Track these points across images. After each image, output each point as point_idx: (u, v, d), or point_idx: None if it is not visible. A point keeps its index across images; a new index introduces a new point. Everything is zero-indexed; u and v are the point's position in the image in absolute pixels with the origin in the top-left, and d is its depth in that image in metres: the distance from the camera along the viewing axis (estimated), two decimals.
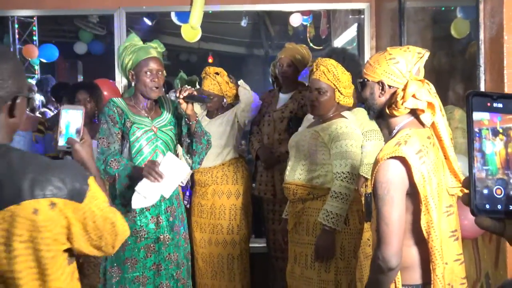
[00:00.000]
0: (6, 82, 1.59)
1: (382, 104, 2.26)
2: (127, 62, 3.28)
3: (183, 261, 3.42)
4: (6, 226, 1.51)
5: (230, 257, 4.45)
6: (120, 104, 3.32)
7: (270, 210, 4.51)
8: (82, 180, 1.62)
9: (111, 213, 1.69)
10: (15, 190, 1.52)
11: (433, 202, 2.15)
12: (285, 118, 4.40)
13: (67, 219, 1.58)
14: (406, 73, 2.21)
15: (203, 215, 4.46)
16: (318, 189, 3.34)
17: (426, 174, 2.14)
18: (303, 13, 6.60)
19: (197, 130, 3.26)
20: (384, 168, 2.15)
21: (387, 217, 2.13)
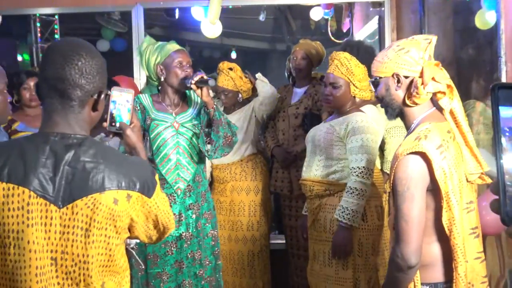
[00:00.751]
0: (94, 78, 1.69)
1: (401, 97, 2.21)
2: (155, 58, 3.28)
3: (208, 260, 3.38)
4: (88, 212, 1.62)
5: (250, 254, 4.42)
6: (144, 100, 3.33)
7: (287, 206, 4.47)
8: (152, 177, 1.75)
9: (169, 208, 1.85)
10: (100, 179, 1.62)
11: (455, 198, 2.10)
12: (300, 114, 4.36)
13: (135, 212, 1.71)
14: (419, 59, 2.16)
15: (222, 212, 4.43)
16: (335, 185, 3.28)
17: (447, 170, 2.09)
18: (324, 7, 6.51)
19: (215, 117, 3.22)
20: (404, 164, 2.10)
21: (407, 214, 2.08)
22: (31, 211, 1.59)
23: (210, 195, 3.49)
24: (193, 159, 3.33)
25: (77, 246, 1.62)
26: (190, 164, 3.31)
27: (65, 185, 1.61)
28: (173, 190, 3.27)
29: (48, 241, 1.61)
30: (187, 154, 3.29)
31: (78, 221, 1.62)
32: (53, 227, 1.61)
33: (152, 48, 3.32)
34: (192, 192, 3.31)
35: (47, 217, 1.61)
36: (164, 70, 3.29)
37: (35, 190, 1.59)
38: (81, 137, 1.68)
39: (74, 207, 1.61)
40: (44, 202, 1.60)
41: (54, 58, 1.67)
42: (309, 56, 4.45)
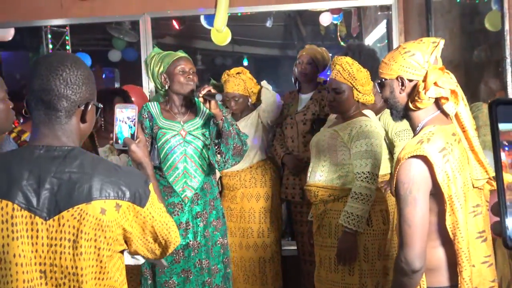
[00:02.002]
0: (80, 88, 1.69)
1: (405, 100, 2.20)
2: (158, 68, 3.30)
3: (217, 268, 3.38)
4: (75, 224, 1.60)
5: (261, 261, 4.40)
6: (152, 108, 3.34)
7: (298, 212, 4.44)
8: (145, 186, 1.72)
9: (168, 220, 1.80)
10: (86, 189, 1.61)
11: (458, 202, 2.07)
12: (308, 120, 4.34)
13: (128, 222, 1.68)
14: (424, 63, 2.14)
15: (233, 219, 4.42)
16: (339, 190, 3.27)
17: (451, 173, 2.06)
18: (332, 12, 6.52)
19: (224, 129, 3.22)
20: (406, 168, 2.08)
21: (410, 219, 2.06)
22: (16, 224, 1.58)
23: (220, 203, 3.48)
24: (201, 167, 3.32)
25: (66, 258, 1.61)
26: (198, 172, 3.31)
27: (50, 196, 1.60)
28: (180, 198, 3.27)
29: (36, 253, 1.61)
30: (194, 162, 3.29)
31: (65, 232, 1.60)
32: (40, 240, 1.60)
33: (157, 58, 3.34)
34: (200, 200, 3.30)
35: (33, 230, 1.59)
36: (168, 78, 3.30)
37: (19, 203, 1.59)
38: (67, 149, 1.68)
39: (60, 218, 1.60)
40: (29, 214, 1.59)
41: (39, 71, 1.68)
42: (315, 61, 4.43)
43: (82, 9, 4.89)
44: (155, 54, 3.37)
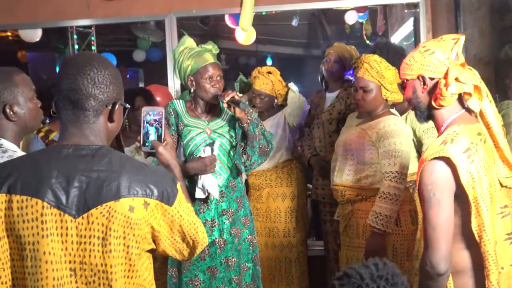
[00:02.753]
0: (108, 87, 1.71)
1: (427, 99, 2.17)
2: (186, 68, 3.29)
3: (246, 266, 3.37)
4: (104, 221, 1.61)
5: (287, 261, 4.39)
6: (178, 106, 3.35)
7: (327, 212, 4.41)
8: (173, 185, 1.73)
9: (196, 220, 1.80)
10: (114, 187, 1.62)
11: (484, 203, 2.03)
12: (334, 119, 4.30)
13: (156, 220, 1.69)
14: (445, 60, 2.11)
15: (259, 219, 4.41)
16: (367, 189, 3.23)
17: (476, 174, 2.03)
18: (358, 10, 6.47)
19: (249, 133, 3.23)
20: (429, 169, 2.05)
21: (434, 221, 2.03)
22: (46, 221, 1.59)
23: (247, 200, 3.47)
24: (226, 165, 3.32)
25: (95, 255, 1.62)
26: (223, 170, 3.30)
27: (79, 194, 1.61)
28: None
29: (66, 251, 1.62)
30: (219, 160, 3.29)
31: (94, 230, 1.61)
32: (70, 238, 1.61)
33: (187, 54, 3.30)
34: (225, 198, 3.30)
35: (62, 228, 1.61)
36: (194, 82, 3.29)
37: (49, 201, 1.60)
38: (95, 147, 1.69)
39: (89, 216, 1.61)
40: (58, 212, 1.60)
41: (67, 70, 1.70)
42: (342, 60, 4.38)
43: (108, 10, 4.92)
44: (185, 49, 3.34)
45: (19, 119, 2.23)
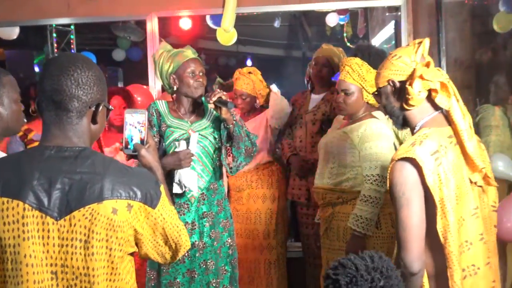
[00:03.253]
0: (91, 88, 1.69)
1: (399, 103, 2.23)
2: (167, 67, 3.27)
3: (225, 269, 3.35)
4: (86, 224, 1.59)
5: (267, 262, 4.38)
6: (160, 106, 3.33)
7: (304, 214, 4.41)
8: (156, 187, 1.72)
9: (179, 223, 1.80)
10: (97, 189, 1.60)
11: (450, 205, 2.07)
12: (318, 120, 4.30)
13: (139, 223, 1.67)
14: (411, 63, 2.18)
15: (239, 220, 4.40)
16: (348, 192, 3.24)
17: (443, 176, 2.08)
18: (339, 13, 6.49)
19: (235, 134, 3.21)
20: (397, 169, 2.11)
21: (404, 221, 2.08)
22: (27, 224, 1.58)
23: (227, 203, 3.46)
24: (208, 167, 3.30)
25: (77, 258, 1.60)
26: (205, 172, 3.28)
27: (61, 196, 1.59)
28: (186, 198, 3.25)
29: (47, 254, 1.60)
30: (201, 162, 3.27)
31: (76, 233, 1.59)
32: (51, 240, 1.59)
33: (166, 55, 3.30)
34: (206, 201, 3.28)
35: (44, 230, 1.59)
36: (177, 80, 3.28)
37: (30, 203, 1.58)
38: (78, 149, 1.67)
39: (71, 218, 1.59)
40: (40, 214, 1.59)
41: (51, 71, 1.68)
42: (331, 63, 4.37)
43: (89, 9, 4.86)
44: (164, 51, 3.34)
45: (1, 119, 2.20)
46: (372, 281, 1.71)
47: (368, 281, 1.71)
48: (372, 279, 1.71)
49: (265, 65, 10.21)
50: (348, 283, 1.72)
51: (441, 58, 4.03)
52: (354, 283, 1.71)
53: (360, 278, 1.70)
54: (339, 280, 1.73)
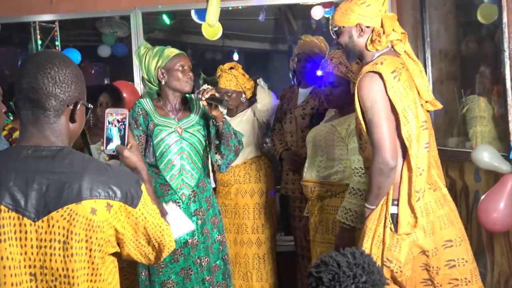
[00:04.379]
0: (69, 86, 1.66)
1: (363, 43, 2.58)
2: (156, 61, 3.25)
3: (217, 265, 3.34)
4: (64, 224, 1.56)
5: (256, 257, 4.38)
6: (146, 105, 3.30)
7: (296, 207, 4.41)
8: (137, 186, 1.68)
9: (161, 223, 1.76)
10: (76, 189, 1.57)
11: (412, 112, 2.43)
12: (307, 114, 4.30)
13: (120, 223, 1.64)
14: (378, 12, 2.54)
15: (227, 215, 4.40)
16: (336, 185, 3.24)
17: (402, 89, 2.42)
18: (324, 6, 6.46)
19: (224, 131, 3.20)
20: (366, 81, 2.44)
21: (380, 124, 2.41)
22: (3, 225, 1.55)
23: (215, 200, 3.45)
24: (197, 165, 3.29)
25: (56, 260, 1.57)
26: (194, 169, 3.27)
27: (39, 197, 1.56)
28: (177, 196, 3.23)
29: (25, 256, 1.57)
30: (191, 159, 3.26)
31: (55, 234, 1.56)
32: (29, 242, 1.57)
33: (151, 52, 3.29)
34: (197, 198, 3.27)
35: (21, 231, 1.56)
36: (166, 73, 3.26)
37: (6, 204, 1.55)
38: (56, 149, 1.64)
39: (49, 219, 1.56)
40: (16, 216, 1.56)
41: (28, 69, 1.65)
42: (312, 56, 4.37)
43: (72, 4, 4.83)
44: (148, 48, 3.32)
45: None
46: (354, 277, 1.74)
47: (350, 277, 1.74)
48: (354, 275, 1.74)
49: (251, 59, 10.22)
50: (331, 280, 1.74)
51: (426, 49, 4.04)
52: (336, 280, 1.73)
53: (342, 274, 1.73)
54: (322, 277, 1.75)
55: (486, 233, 3.22)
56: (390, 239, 2.48)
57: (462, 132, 3.78)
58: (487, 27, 3.72)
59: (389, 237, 2.48)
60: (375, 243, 2.51)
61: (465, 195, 3.47)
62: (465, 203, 3.46)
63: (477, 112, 3.59)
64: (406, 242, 2.47)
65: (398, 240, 2.47)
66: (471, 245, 2.67)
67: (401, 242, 2.46)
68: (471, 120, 3.60)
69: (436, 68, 4.07)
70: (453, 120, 3.95)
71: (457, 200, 3.52)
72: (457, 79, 4.02)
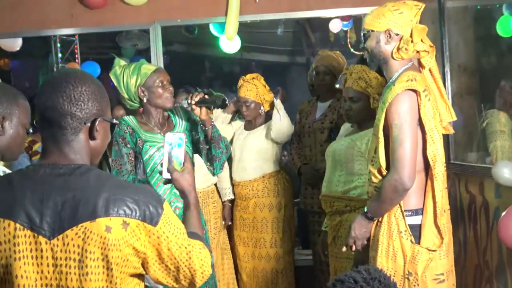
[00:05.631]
0: (85, 104, 1.64)
1: (389, 51, 2.56)
2: (135, 80, 3.20)
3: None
4: (79, 243, 1.54)
5: (274, 272, 4.37)
6: (131, 122, 3.27)
7: (315, 222, 4.40)
8: (157, 204, 1.62)
9: (188, 244, 1.68)
10: (91, 207, 1.55)
11: (438, 133, 2.46)
12: (326, 128, 4.30)
13: (140, 241, 1.59)
14: (410, 22, 2.52)
15: (245, 229, 4.40)
16: (356, 201, 3.22)
17: (431, 110, 2.45)
18: (342, 19, 6.49)
19: (214, 135, 3.19)
20: (401, 99, 2.42)
21: (404, 142, 2.40)
22: (18, 244, 1.54)
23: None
24: None
25: (72, 278, 1.55)
26: None
27: (54, 215, 1.55)
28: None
29: (42, 274, 1.56)
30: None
31: (70, 252, 1.55)
32: (45, 260, 1.55)
33: (128, 70, 3.23)
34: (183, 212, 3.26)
35: (37, 250, 1.55)
36: (146, 91, 3.21)
37: (21, 222, 1.55)
38: (74, 166, 1.63)
39: (64, 237, 1.55)
40: (32, 234, 1.55)
41: (45, 88, 1.66)
42: (332, 70, 4.38)
43: (92, 19, 4.87)
44: (123, 67, 3.27)
45: (4, 136, 2.12)
46: None
47: None
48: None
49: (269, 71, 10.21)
50: None
51: (445, 63, 4.01)
52: None
53: None
54: None
55: (506, 249, 3.18)
56: (411, 251, 2.47)
57: (482, 147, 3.75)
58: (507, 41, 3.70)
59: (409, 250, 2.48)
60: (391, 256, 2.50)
61: (485, 211, 3.43)
62: (485, 219, 3.42)
63: (497, 127, 3.56)
64: (425, 257, 2.47)
65: (419, 251, 2.46)
66: (491, 262, 2.65)
67: (421, 256, 2.46)
68: (491, 135, 3.58)
69: (455, 82, 4.05)
70: (472, 134, 3.93)
71: (477, 216, 3.48)
72: (477, 93, 4.00)
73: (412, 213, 2.51)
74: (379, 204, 2.52)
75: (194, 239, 1.72)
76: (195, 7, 4.82)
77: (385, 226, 2.53)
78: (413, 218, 2.51)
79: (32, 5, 4.85)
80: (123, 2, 4.77)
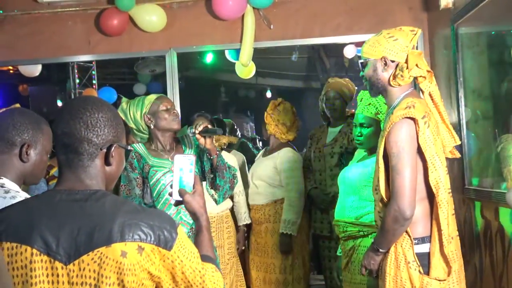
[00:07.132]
0: (102, 130, 1.67)
1: (386, 78, 2.58)
2: (140, 109, 3.31)
3: None
4: (95, 268, 1.55)
5: None
6: (139, 149, 3.34)
7: (326, 247, 4.40)
8: (171, 228, 1.64)
9: (201, 267, 1.70)
10: (106, 232, 1.56)
11: (440, 159, 2.45)
12: (336, 153, 4.32)
13: (154, 266, 1.60)
14: (405, 48, 2.54)
15: (258, 253, 4.41)
16: (368, 226, 3.21)
17: (431, 136, 2.44)
18: (357, 44, 6.53)
19: (219, 164, 3.22)
20: (399, 127, 2.43)
21: (403, 171, 2.40)
22: (35, 269, 1.56)
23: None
24: None
25: None
26: None
27: (70, 240, 1.56)
28: None
29: None
30: None
31: (86, 277, 1.56)
32: (61, 285, 1.57)
33: (132, 103, 3.36)
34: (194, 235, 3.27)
35: (53, 275, 1.57)
36: (152, 117, 3.29)
37: (38, 247, 1.56)
38: (89, 192, 1.64)
39: (80, 263, 1.56)
40: (48, 259, 1.56)
41: (62, 115, 1.68)
42: (342, 95, 4.43)
43: (109, 46, 4.96)
44: (128, 102, 3.40)
45: (28, 163, 2.15)
46: None
47: None
48: None
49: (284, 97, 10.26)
50: None
51: (459, 89, 4.02)
52: None
53: None
54: None
55: None
56: (419, 282, 2.45)
57: (497, 172, 3.73)
58: None
59: (418, 281, 2.45)
60: (399, 287, 2.47)
61: (501, 237, 3.40)
62: (501, 245, 3.39)
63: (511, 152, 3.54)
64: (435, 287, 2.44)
65: (428, 282, 2.44)
66: None
67: (430, 287, 2.43)
68: (504, 159, 3.56)
69: (469, 107, 4.05)
70: (487, 160, 3.91)
71: (493, 242, 3.45)
72: (492, 118, 3.99)
73: (419, 241, 2.49)
74: (384, 235, 2.50)
75: (207, 262, 1.73)
76: (211, 34, 4.89)
77: (392, 257, 2.50)
78: (420, 246, 2.48)
79: (51, 33, 4.97)
80: (139, 29, 4.85)
